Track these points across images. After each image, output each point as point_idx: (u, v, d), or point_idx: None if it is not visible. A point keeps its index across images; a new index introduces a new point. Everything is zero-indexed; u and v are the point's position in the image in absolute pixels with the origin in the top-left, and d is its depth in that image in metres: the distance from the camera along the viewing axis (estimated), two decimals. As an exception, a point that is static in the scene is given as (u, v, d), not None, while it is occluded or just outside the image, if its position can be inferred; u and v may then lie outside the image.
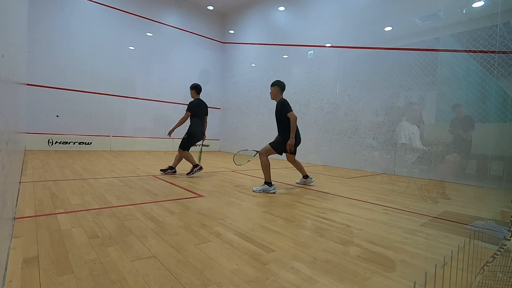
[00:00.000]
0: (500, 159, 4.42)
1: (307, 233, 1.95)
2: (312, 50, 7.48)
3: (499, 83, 4.48)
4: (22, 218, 1.95)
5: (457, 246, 1.79)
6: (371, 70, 6.13)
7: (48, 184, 3.15)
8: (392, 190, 3.91)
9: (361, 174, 5.54)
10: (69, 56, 7.60)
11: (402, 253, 1.65)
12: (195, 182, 3.80)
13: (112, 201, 2.55)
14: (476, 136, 4.66)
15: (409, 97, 5.61)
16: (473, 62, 4.71)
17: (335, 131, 6.79)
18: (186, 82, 10.10)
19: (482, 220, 2.51)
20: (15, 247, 1.48)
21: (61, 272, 1.26)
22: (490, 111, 4.53)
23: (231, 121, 10.43)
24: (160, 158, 6.74)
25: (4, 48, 1.07)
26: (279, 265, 1.43)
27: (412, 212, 2.66)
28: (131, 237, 1.70)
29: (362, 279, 1.32)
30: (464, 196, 3.86)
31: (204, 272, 1.31)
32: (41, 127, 7.22)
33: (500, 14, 4.41)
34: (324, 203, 2.92)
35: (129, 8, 8.67)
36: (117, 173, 4.15)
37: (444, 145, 4.97)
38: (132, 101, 8.80)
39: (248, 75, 9.71)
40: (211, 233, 1.84)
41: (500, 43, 4.38)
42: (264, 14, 9.18)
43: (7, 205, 1.34)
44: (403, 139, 5.35)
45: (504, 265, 1.45)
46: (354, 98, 6.45)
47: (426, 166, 5.18)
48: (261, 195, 3.15)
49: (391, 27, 5.93)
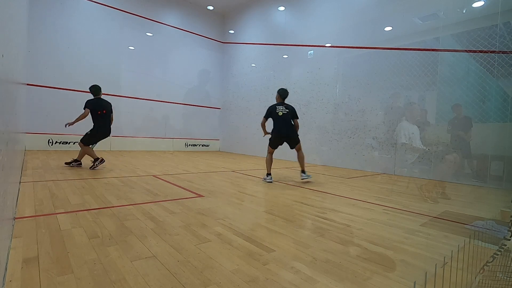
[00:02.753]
0: (500, 159, 4.42)
1: (307, 233, 1.95)
2: (312, 50, 7.48)
3: (499, 83, 4.48)
4: (22, 218, 1.95)
5: (457, 246, 1.79)
6: (371, 70, 6.13)
7: (48, 184, 3.15)
8: (392, 190, 3.92)
9: (361, 174, 5.54)
10: (69, 56, 7.61)
11: (402, 253, 1.65)
12: (195, 182, 3.80)
13: (112, 201, 2.55)
14: (476, 136, 4.67)
15: (409, 97, 5.61)
16: (473, 62, 4.71)
17: (335, 131, 6.79)
18: (186, 82, 10.15)
19: (482, 220, 2.51)
20: (15, 247, 1.48)
21: (61, 272, 1.26)
22: (490, 111, 4.53)
23: (231, 121, 10.43)
24: (160, 158, 6.74)
25: (4, 48, 1.07)
26: (279, 265, 1.43)
27: (412, 212, 2.66)
28: (131, 237, 1.70)
29: (362, 279, 1.32)
30: (464, 196, 3.86)
31: (204, 272, 1.31)
32: (41, 127, 7.22)
33: (500, 14, 4.41)
34: (324, 203, 2.92)
35: (129, 8, 8.67)
36: (117, 173, 4.15)
37: (444, 145, 4.98)
38: (132, 101, 8.80)
39: (248, 75, 9.71)
40: (211, 233, 1.84)
41: (500, 43, 4.38)
42: (264, 14, 9.18)
43: (7, 205, 1.34)
44: (403, 139, 5.35)
45: (504, 265, 1.45)
46: (354, 98, 6.45)
47: (426, 166, 5.18)
48: (261, 195, 3.15)
49: (391, 27, 5.93)
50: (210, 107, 10.73)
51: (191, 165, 5.69)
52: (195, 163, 6.18)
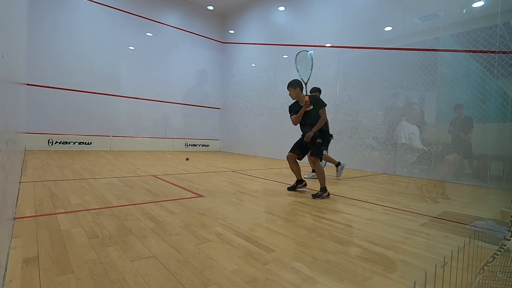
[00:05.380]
0: (500, 159, 4.42)
1: (307, 233, 1.95)
2: (312, 50, 7.47)
3: (499, 83, 4.48)
4: (22, 218, 1.95)
5: (457, 246, 1.79)
6: (371, 70, 6.13)
7: (48, 184, 3.15)
8: (392, 190, 3.91)
9: (361, 174, 5.54)
10: (69, 56, 7.61)
11: (402, 253, 1.65)
12: (195, 182, 3.80)
13: (112, 201, 2.55)
14: (476, 136, 4.67)
15: (409, 97, 5.61)
16: (473, 62, 4.71)
17: (335, 131, 6.77)
18: (186, 82, 10.16)
19: (482, 220, 2.51)
20: (15, 247, 1.48)
21: (61, 272, 1.26)
22: (490, 111, 4.52)
23: (231, 121, 10.43)
24: (160, 158, 6.74)
25: (4, 48, 1.07)
26: (279, 265, 1.43)
27: (412, 212, 2.66)
28: (131, 237, 1.70)
29: (362, 279, 1.32)
30: (464, 196, 3.86)
31: (204, 272, 1.31)
32: (41, 127, 7.22)
33: (500, 14, 4.41)
34: (324, 203, 2.92)
35: (129, 8, 8.67)
36: (117, 173, 4.15)
37: (444, 145, 4.98)
38: (132, 101, 8.80)
39: (248, 75, 9.71)
40: (211, 233, 1.84)
41: (500, 43, 4.38)
42: (264, 14, 9.18)
43: (7, 205, 1.34)
44: (403, 139, 5.35)
45: (504, 265, 1.45)
46: (354, 98, 6.45)
47: (426, 166, 5.18)
48: (261, 195, 3.15)
49: (391, 27, 5.93)
50: (210, 107, 10.72)
51: (191, 165, 5.69)
52: (195, 163, 6.18)
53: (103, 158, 6.05)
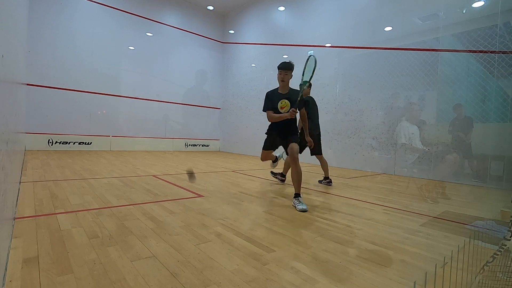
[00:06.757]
0: (500, 159, 4.42)
1: (307, 233, 1.95)
2: (312, 50, 7.48)
3: (499, 83, 4.48)
4: (22, 218, 1.95)
5: (457, 246, 1.79)
6: (371, 70, 6.13)
7: (48, 184, 3.15)
8: (392, 190, 3.91)
9: (361, 174, 5.54)
10: (69, 56, 7.61)
11: (402, 253, 1.65)
12: (195, 182, 3.80)
13: (112, 201, 2.55)
14: (476, 136, 4.67)
15: (409, 97, 5.61)
16: (473, 62, 4.71)
17: (335, 131, 6.79)
18: (186, 82, 10.16)
19: (482, 220, 2.51)
20: (15, 247, 1.48)
21: (61, 272, 1.26)
22: (490, 111, 4.53)
23: (231, 121, 10.43)
24: (160, 158, 6.74)
25: (4, 48, 1.07)
26: (279, 265, 1.43)
27: (412, 212, 2.66)
28: (131, 237, 1.70)
29: (362, 279, 1.32)
30: (464, 196, 3.86)
31: (204, 272, 1.31)
32: (41, 127, 7.22)
33: (500, 14, 4.41)
34: (324, 203, 2.92)
35: (129, 8, 8.67)
36: (117, 173, 4.15)
37: (444, 145, 4.98)
38: (132, 101, 8.80)
39: (248, 75, 9.71)
40: (211, 233, 1.84)
41: (500, 43, 4.38)
42: (264, 14, 9.18)
43: (7, 205, 1.34)
44: (403, 139, 5.35)
45: (504, 265, 1.45)
46: (354, 98, 6.45)
47: (426, 166, 5.18)
48: (261, 195, 3.15)
49: (391, 27, 5.93)
50: (210, 107, 10.72)
51: (191, 165, 5.69)
52: (195, 163, 6.18)
53: (103, 158, 6.05)
